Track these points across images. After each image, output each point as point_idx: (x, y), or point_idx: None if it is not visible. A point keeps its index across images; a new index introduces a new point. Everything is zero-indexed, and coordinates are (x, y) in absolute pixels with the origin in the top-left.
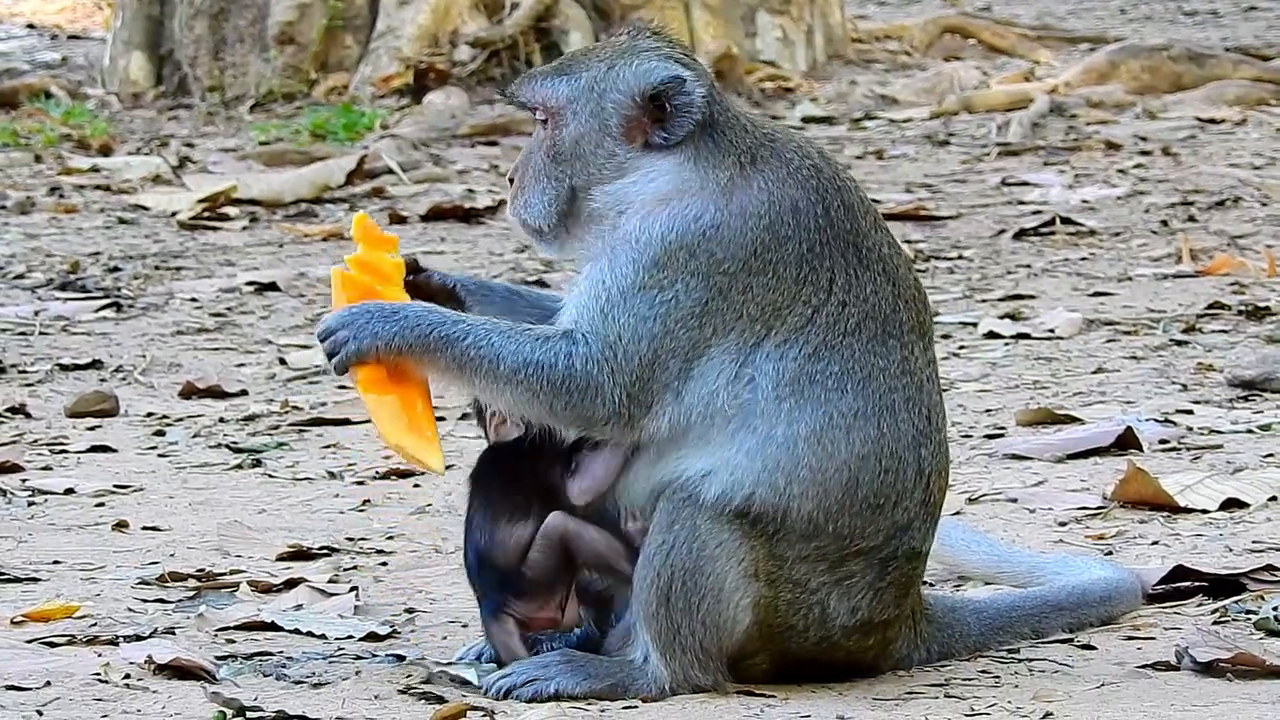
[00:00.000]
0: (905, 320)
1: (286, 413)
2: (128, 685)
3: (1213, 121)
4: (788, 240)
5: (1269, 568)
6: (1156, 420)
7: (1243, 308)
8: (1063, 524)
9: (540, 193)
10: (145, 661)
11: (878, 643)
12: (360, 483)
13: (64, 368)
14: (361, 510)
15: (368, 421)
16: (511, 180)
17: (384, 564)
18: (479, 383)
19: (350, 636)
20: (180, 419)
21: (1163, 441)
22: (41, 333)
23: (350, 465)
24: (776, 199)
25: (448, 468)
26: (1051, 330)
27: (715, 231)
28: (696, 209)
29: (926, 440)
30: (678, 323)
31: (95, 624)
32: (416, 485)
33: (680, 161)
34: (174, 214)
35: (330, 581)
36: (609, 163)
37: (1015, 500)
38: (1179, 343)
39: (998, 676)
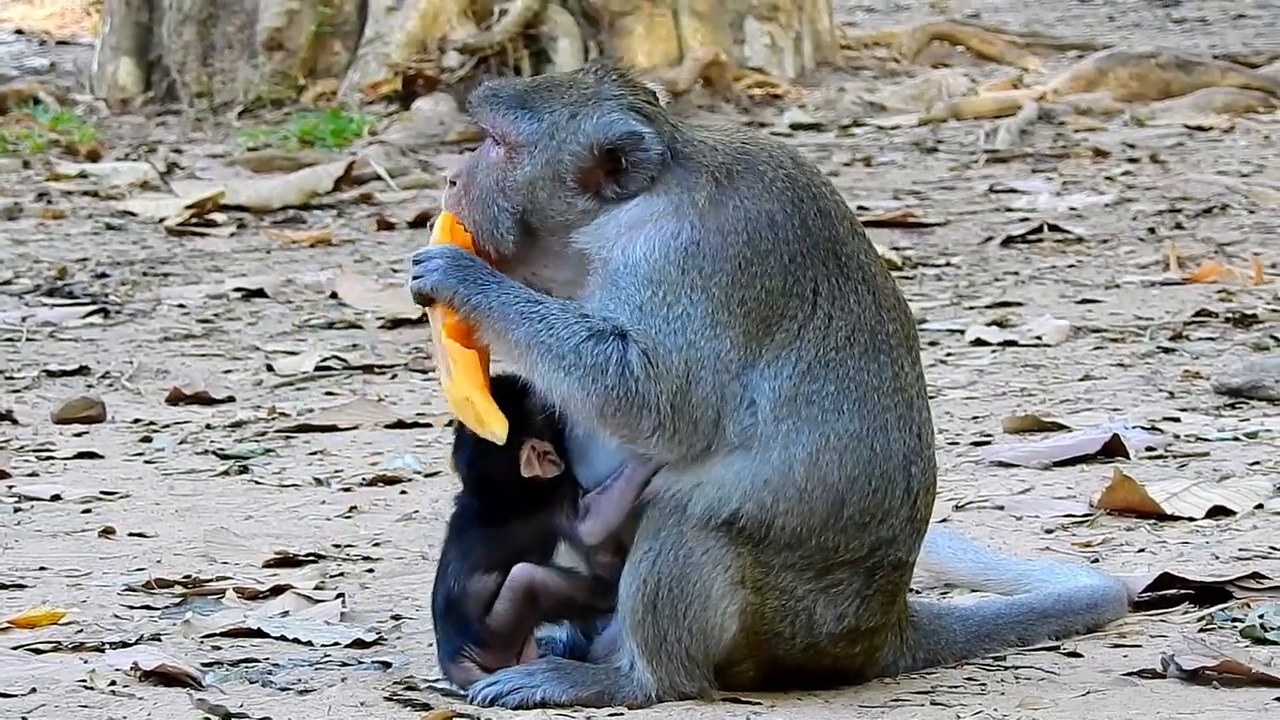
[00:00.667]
0: (892, 332)
1: (273, 419)
2: (113, 692)
3: (1201, 129)
4: (769, 254)
5: (1255, 575)
6: (1143, 428)
7: (1230, 315)
8: (1049, 531)
9: (490, 220)
10: (131, 668)
11: (864, 650)
12: (347, 489)
13: (51, 374)
14: (348, 517)
15: (354, 428)
16: (453, 183)
17: (370, 571)
18: (540, 368)
19: (336, 643)
20: (167, 425)
21: (1149, 449)
22: (28, 339)
23: (337, 472)
24: (753, 215)
25: (433, 474)
26: (1039, 337)
27: (696, 247)
28: (673, 227)
29: (916, 458)
30: (697, 334)
31: (81, 630)
32: (403, 492)
33: (650, 194)
34: (162, 220)
35: (317, 588)
36: (569, 210)
37: (1002, 508)
38: (1166, 350)
39: (984, 684)
